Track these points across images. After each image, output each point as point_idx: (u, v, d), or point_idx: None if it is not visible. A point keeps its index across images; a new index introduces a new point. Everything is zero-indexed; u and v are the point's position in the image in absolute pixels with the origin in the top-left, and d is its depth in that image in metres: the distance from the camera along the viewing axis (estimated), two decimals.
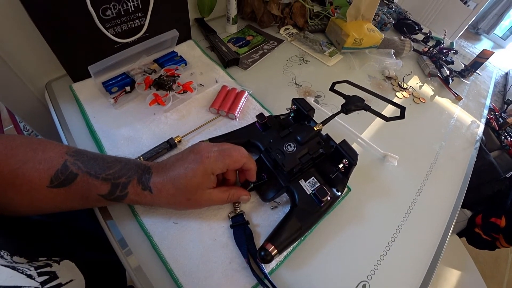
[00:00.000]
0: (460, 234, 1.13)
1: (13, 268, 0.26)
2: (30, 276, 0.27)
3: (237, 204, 0.38)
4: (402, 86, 0.71)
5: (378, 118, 0.43)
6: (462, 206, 1.10)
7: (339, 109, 0.45)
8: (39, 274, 0.28)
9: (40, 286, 0.27)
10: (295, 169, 0.37)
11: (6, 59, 0.46)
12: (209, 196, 0.34)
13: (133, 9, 0.48)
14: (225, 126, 0.49)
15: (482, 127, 0.70)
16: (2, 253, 0.27)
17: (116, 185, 0.31)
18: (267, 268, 0.35)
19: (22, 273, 0.27)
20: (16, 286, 0.25)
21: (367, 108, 0.43)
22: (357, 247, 0.40)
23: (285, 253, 0.36)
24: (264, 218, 0.39)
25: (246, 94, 0.52)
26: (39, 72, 0.51)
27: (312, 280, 0.36)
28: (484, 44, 3.19)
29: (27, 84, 0.51)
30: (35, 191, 0.29)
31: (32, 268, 0.28)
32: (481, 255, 1.36)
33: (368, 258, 0.40)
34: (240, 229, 0.36)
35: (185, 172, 0.32)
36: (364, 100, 0.44)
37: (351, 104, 0.43)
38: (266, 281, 0.33)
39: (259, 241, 0.37)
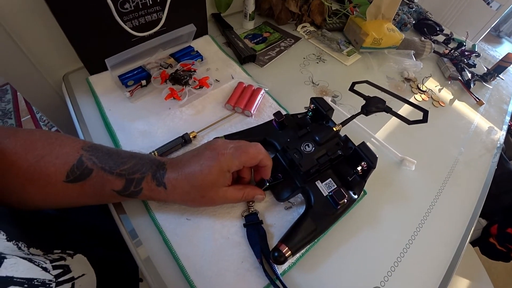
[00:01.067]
0: (473, 243, 1.10)
1: (30, 260, 0.27)
2: (45, 269, 0.28)
3: (251, 203, 0.38)
4: (421, 88, 0.69)
5: (393, 119, 0.42)
6: (479, 215, 1.07)
7: (358, 110, 0.43)
8: (54, 268, 0.29)
9: (54, 279, 0.28)
10: (312, 169, 0.36)
11: (26, 51, 0.47)
12: (224, 194, 0.33)
13: (151, 2, 0.48)
14: (240, 123, 0.48)
15: (503, 134, 0.67)
16: (20, 245, 0.27)
17: (131, 180, 0.31)
18: (279, 269, 0.34)
19: (38, 265, 0.27)
20: (32, 278, 0.25)
21: (388, 110, 0.42)
22: (371, 251, 0.39)
23: (298, 254, 0.36)
24: (278, 218, 0.38)
25: (262, 91, 0.52)
26: (57, 65, 0.52)
27: (324, 283, 0.35)
28: (506, 47, 3.07)
29: (45, 76, 0.52)
30: (52, 185, 0.29)
31: (48, 261, 0.28)
32: (494, 266, 1.31)
33: (382, 263, 0.39)
34: (254, 228, 0.36)
35: (201, 169, 0.31)
36: (385, 101, 0.42)
37: (372, 106, 0.42)
38: (278, 282, 0.32)
39: (272, 242, 0.36)
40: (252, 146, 0.34)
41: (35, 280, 0.25)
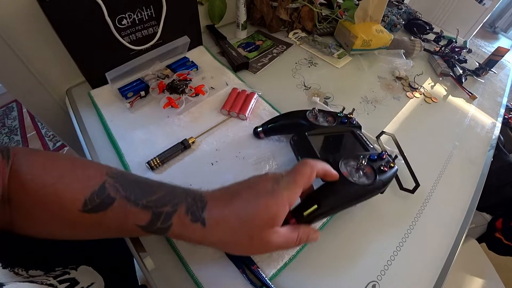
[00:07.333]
0: (480, 240, 1.09)
1: (31, 282, 0.26)
2: (51, 285, 0.27)
3: None
4: (413, 86, 0.70)
5: (392, 121, 0.42)
6: (482, 210, 1.06)
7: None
8: (60, 282, 0.28)
9: None
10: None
11: (31, 68, 0.50)
12: (278, 236, 0.27)
13: (147, 18, 0.50)
14: (236, 126, 0.50)
15: (498, 126, 0.68)
16: (16, 270, 0.26)
17: (158, 214, 0.26)
18: (276, 266, 0.35)
19: (42, 284, 0.26)
20: None
21: None
22: (367, 245, 0.40)
23: (294, 251, 0.37)
24: None
25: (256, 95, 0.54)
26: (60, 80, 0.55)
27: (321, 278, 0.36)
28: (502, 43, 3.06)
29: (49, 91, 0.55)
30: (66, 213, 0.25)
31: (51, 278, 0.28)
32: (504, 262, 1.29)
33: (379, 257, 0.39)
34: None
35: (256, 204, 0.26)
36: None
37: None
38: None
39: None
40: (302, 165, 0.30)
41: None
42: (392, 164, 0.39)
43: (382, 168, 0.38)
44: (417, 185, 0.46)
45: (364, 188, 0.36)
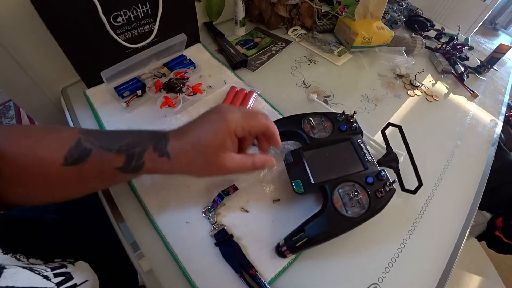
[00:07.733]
0: (479, 238, 1.08)
1: (30, 269, 0.27)
2: (46, 277, 0.27)
3: (213, 220, 0.38)
4: (414, 84, 0.69)
5: (392, 119, 0.42)
6: (483, 208, 1.06)
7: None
8: (55, 275, 0.29)
9: (56, 286, 0.28)
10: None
11: (26, 67, 0.48)
12: (231, 160, 0.31)
13: (142, 15, 0.49)
14: None
15: (500, 124, 0.68)
16: (18, 256, 0.27)
17: (131, 155, 0.29)
18: (275, 270, 0.35)
19: (39, 274, 0.27)
20: (34, 287, 0.25)
21: (397, 171, 0.46)
22: (368, 248, 0.40)
23: (293, 256, 0.36)
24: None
25: (254, 94, 0.53)
26: (55, 79, 0.53)
27: (321, 281, 0.36)
28: (503, 39, 3.07)
29: (44, 90, 0.54)
30: (48, 171, 0.27)
31: (49, 269, 0.29)
32: (503, 261, 1.29)
33: (380, 259, 0.39)
34: (226, 244, 0.35)
35: (205, 133, 0.30)
36: (399, 162, 0.46)
37: (388, 162, 0.46)
38: None
39: (246, 251, 0.36)
40: (259, 113, 0.33)
41: None
42: (389, 188, 0.38)
43: (377, 194, 0.37)
44: (420, 184, 0.45)
45: (356, 220, 0.36)
